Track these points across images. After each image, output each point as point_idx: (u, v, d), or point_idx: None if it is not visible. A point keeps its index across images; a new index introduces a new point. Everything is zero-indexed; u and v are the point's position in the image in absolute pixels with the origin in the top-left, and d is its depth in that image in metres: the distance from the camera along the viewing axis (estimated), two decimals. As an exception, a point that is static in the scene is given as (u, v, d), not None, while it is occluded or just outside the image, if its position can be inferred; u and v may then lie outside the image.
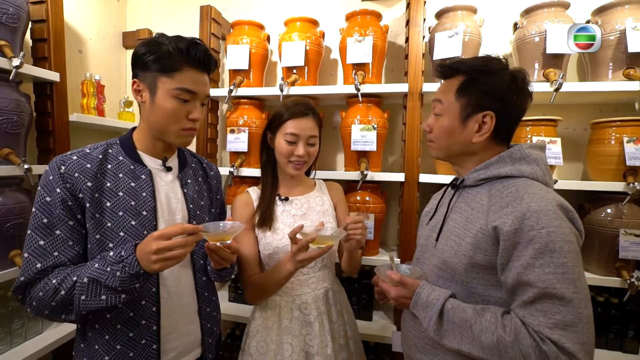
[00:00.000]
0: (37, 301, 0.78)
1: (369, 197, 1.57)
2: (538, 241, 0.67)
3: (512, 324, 0.68)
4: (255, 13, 1.88)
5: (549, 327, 0.64)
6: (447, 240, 0.83)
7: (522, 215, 0.69)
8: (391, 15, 1.75)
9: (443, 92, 0.86)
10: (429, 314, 0.77)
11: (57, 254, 0.80)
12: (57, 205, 0.80)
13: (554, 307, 0.65)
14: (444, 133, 0.85)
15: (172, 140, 0.90)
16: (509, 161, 0.80)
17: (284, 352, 1.05)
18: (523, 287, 0.68)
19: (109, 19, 1.94)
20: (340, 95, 1.62)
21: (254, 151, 1.68)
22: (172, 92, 0.84)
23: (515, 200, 0.72)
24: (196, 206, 0.98)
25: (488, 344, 0.69)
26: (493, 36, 1.61)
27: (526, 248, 0.68)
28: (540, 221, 0.67)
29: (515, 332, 0.67)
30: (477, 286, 0.76)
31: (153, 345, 0.87)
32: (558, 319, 0.64)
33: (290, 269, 0.97)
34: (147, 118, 0.89)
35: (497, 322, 0.69)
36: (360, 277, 1.64)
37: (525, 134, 1.43)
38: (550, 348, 0.63)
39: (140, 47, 0.86)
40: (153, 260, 0.72)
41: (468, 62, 0.84)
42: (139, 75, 0.86)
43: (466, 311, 0.73)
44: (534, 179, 0.77)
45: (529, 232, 0.68)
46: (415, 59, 1.47)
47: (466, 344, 0.72)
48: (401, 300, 0.83)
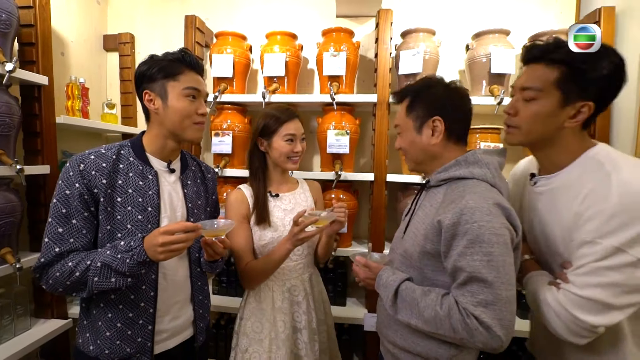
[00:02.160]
0: (53, 280, 0.90)
1: (343, 195, 1.75)
2: (471, 233, 0.76)
3: (448, 302, 0.79)
4: (238, 23, 2.00)
5: (474, 305, 0.75)
6: (409, 232, 0.96)
7: (460, 211, 0.79)
8: (362, 32, 1.95)
9: (398, 116, 0.99)
10: (387, 293, 0.90)
11: (72, 240, 0.91)
12: (75, 198, 0.91)
13: (479, 289, 0.75)
14: (408, 146, 0.96)
15: (188, 135, 1.02)
16: (464, 164, 0.89)
17: (277, 328, 1.21)
18: (458, 272, 0.79)
19: (90, 21, 1.98)
20: (317, 103, 1.79)
21: (237, 153, 1.81)
22: (182, 92, 0.98)
23: (458, 198, 0.82)
24: (194, 205, 1.10)
25: (428, 318, 0.81)
26: (449, 55, 1.84)
27: (462, 239, 0.78)
28: (474, 216, 0.77)
29: (449, 308, 0.78)
30: (428, 271, 0.88)
31: (149, 326, 0.99)
32: (481, 298, 0.75)
33: (289, 247, 1.13)
34: (162, 123, 1.01)
35: (437, 300, 0.81)
36: (335, 267, 1.82)
37: (475, 139, 1.68)
38: (473, 322, 0.75)
39: (141, 66, 1.00)
40: (159, 252, 0.85)
41: (411, 86, 0.98)
42: (147, 87, 0.99)
43: (416, 291, 0.85)
44: (484, 180, 0.86)
45: (464, 225, 0.77)
46: (383, 72, 1.67)
47: (413, 318, 0.84)
48: (367, 280, 0.98)
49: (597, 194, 0.75)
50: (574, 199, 0.79)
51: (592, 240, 0.73)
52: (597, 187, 0.75)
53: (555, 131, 0.84)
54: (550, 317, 0.79)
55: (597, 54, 0.79)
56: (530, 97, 0.84)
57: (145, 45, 2.08)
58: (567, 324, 0.76)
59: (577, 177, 0.81)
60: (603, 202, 0.73)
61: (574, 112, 0.81)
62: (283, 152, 1.22)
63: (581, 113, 0.80)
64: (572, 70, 0.79)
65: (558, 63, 0.80)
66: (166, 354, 1.04)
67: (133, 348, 0.97)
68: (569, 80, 0.79)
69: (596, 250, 0.73)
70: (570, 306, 0.75)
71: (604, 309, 0.73)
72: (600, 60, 0.78)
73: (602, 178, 0.76)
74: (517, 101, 0.88)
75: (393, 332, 0.95)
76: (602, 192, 0.74)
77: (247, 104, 1.83)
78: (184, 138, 1.04)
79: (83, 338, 0.99)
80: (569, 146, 0.84)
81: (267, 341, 1.19)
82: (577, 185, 0.80)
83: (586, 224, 0.75)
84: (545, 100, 0.82)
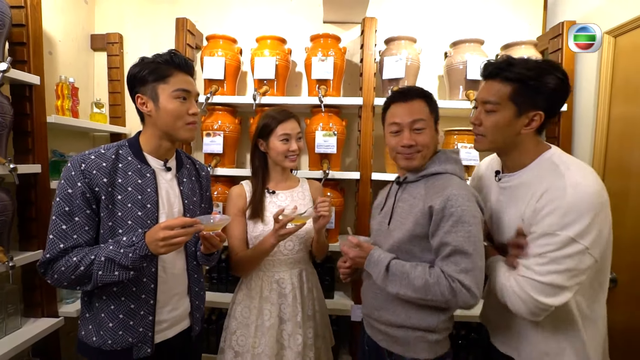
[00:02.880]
0: (58, 274, 0.94)
1: (330, 193, 1.84)
2: (455, 215, 0.93)
3: (435, 272, 0.96)
4: (227, 26, 2.05)
5: (457, 272, 0.92)
6: (396, 222, 1.08)
7: (447, 198, 0.95)
8: (348, 37, 2.04)
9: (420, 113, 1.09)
10: (378, 269, 1.02)
11: (76, 236, 0.96)
12: (78, 197, 0.95)
13: (461, 259, 0.92)
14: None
15: (181, 135, 1.07)
16: (438, 162, 1.06)
17: (263, 316, 1.29)
18: (443, 247, 0.95)
19: (78, 21, 1.98)
20: (305, 105, 1.87)
21: (227, 153, 1.86)
22: (172, 94, 1.02)
23: (443, 189, 0.98)
24: (190, 202, 1.15)
25: (418, 286, 0.96)
26: (429, 62, 1.97)
27: (448, 220, 0.94)
28: (457, 202, 0.94)
29: (437, 276, 0.94)
30: (417, 251, 1.03)
31: (149, 316, 1.04)
32: (463, 266, 0.92)
33: (273, 242, 1.21)
34: (155, 124, 1.05)
35: (425, 271, 0.97)
36: (323, 262, 1.90)
37: (453, 140, 1.80)
38: (457, 285, 0.92)
39: (132, 69, 1.03)
40: (160, 246, 0.90)
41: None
42: (139, 91, 1.03)
43: (405, 266, 1.00)
44: (454, 174, 1.04)
45: (450, 209, 0.94)
46: (368, 77, 1.77)
47: (403, 288, 0.98)
48: (357, 260, 1.07)
49: (554, 192, 0.86)
50: (532, 195, 0.91)
51: (553, 232, 0.85)
52: (553, 187, 0.87)
53: (514, 137, 0.96)
54: (513, 300, 0.90)
55: (544, 70, 0.91)
56: (491, 109, 0.96)
57: (133, 45, 2.09)
58: (529, 307, 0.87)
59: (535, 176, 0.94)
60: (560, 200, 0.85)
61: (527, 120, 0.93)
62: (280, 151, 1.29)
63: (534, 121, 0.93)
64: (523, 86, 0.91)
65: (511, 80, 0.92)
66: (166, 343, 1.09)
67: (135, 338, 1.02)
68: (521, 94, 0.92)
69: (557, 241, 0.84)
70: (533, 292, 0.86)
71: (559, 291, 0.85)
72: (547, 76, 0.90)
73: (557, 178, 0.88)
74: (480, 113, 1.00)
75: (389, 312, 1.07)
76: (558, 191, 0.86)
77: (238, 105, 1.89)
78: (177, 138, 1.08)
79: (86, 330, 1.03)
80: (527, 149, 0.97)
81: (253, 327, 1.28)
82: (536, 183, 0.92)
83: (546, 218, 0.86)
84: (503, 112, 0.94)
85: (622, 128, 1.48)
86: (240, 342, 1.30)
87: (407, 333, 1.04)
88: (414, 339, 1.04)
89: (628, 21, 1.39)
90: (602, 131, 1.55)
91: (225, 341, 1.34)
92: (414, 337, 1.04)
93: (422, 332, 1.03)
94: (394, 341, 1.07)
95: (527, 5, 1.98)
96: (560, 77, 0.91)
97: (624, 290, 1.41)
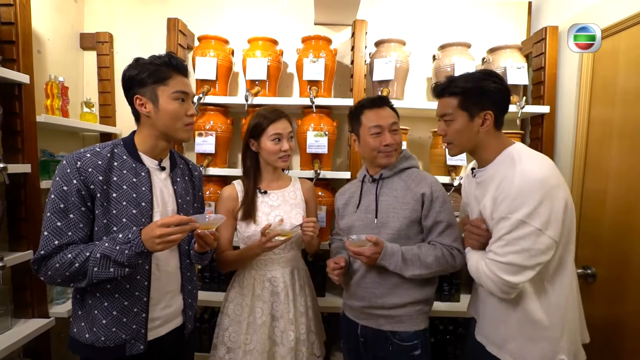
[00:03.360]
0: (52, 271, 0.94)
1: (322, 192, 1.87)
2: (441, 197, 1.20)
3: (437, 247, 1.18)
4: (219, 27, 2.06)
5: (452, 241, 1.19)
6: (387, 214, 1.23)
7: (431, 185, 1.20)
8: (339, 39, 2.07)
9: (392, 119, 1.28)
10: (395, 259, 1.16)
11: (70, 233, 0.96)
12: (73, 194, 0.96)
13: (452, 231, 1.19)
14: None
15: (180, 135, 1.09)
16: (405, 160, 1.29)
17: (255, 314, 1.31)
18: (437, 224, 1.19)
19: (67, 19, 1.96)
20: (297, 106, 1.89)
21: (220, 153, 1.87)
22: (172, 95, 1.05)
23: (423, 179, 1.23)
24: (183, 201, 1.17)
25: (430, 263, 1.16)
26: (418, 64, 2.01)
27: (436, 202, 1.19)
28: (439, 187, 1.22)
29: (440, 249, 1.17)
30: (412, 235, 1.22)
31: (143, 313, 1.05)
32: (454, 236, 1.19)
33: (258, 252, 1.27)
34: (154, 125, 1.07)
35: (429, 248, 1.18)
36: (314, 261, 1.93)
37: (441, 141, 1.85)
38: (455, 252, 1.18)
39: (130, 71, 1.04)
40: (157, 243, 0.92)
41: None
42: (138, 92, 1.04)
43: (413, 249, 1.18)
44: (418, 168, 1.30)
45: (436, 193, 1.20)
46: (359, 78, 1.80)
47: (418, 269, 1.16)
48: (374, 256, 1.15)
49: (506, 181, 0.97)
50: (494, 186, 1.02)
51: (505, 216, 0.95)
52: (507, 176, 0.98)
53: (475, 137, 1.08)
54: (485, 281, 1.01)
55: (480, 79, 1.07)
56: (449, 119, 1.10)
57: (124, 45, 2.08)
58: (498, 285, 0.98)
59: (497, 169, 1.05)
60: (510, 187, 0.95)
61: (480, 120, 1.06)
62: (271, 151, 1.30)
63: (487, 120, 1.06)
64: (466, 95, 1.06)
65: (455, 94, 1.08)
66: (158, 340, 1.11)
67: (128, 334, 1.03)
68: (467, 101, 1.06)
69: (509, 224, 0.94)
70: (498, 271, 0.96)
71: (521, 269, 0.94)
72: (484, 82, 1.06)
73: (510, 168, 0.99)
74: (443, 124, 1.14)
75: (396, 297, 1.21)
76: (509, 179, 0.97)
77: (230, 105, 1.91)
78: (175, 138, 1.11)
79: (78, 327, 1.04)
80: (489, 145, 1.09)
81: (245, 324, 1.31)
82: (497, 175, 1.03)
83: (501, 205, 0.97)
84: (459, 119, 1.08)
85: (601, 130, 1.54)
86: (233, 338, 1.32)
87: (410, 309, 1.21)
88: (415, 313, 1.22)
89: (607, 27, 1.45)
90: (582, 133, 1.62)
91: (218, 337, 1.36)
92: (415, 311, 1.22)
93: (421, 305, 1.23)
94: (397, 320, 1.21)
95: (512, 10, 2.05)
96: (495, 81, 1.06)
97: (603, 285, 1.48)
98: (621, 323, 1.40)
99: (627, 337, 1.37)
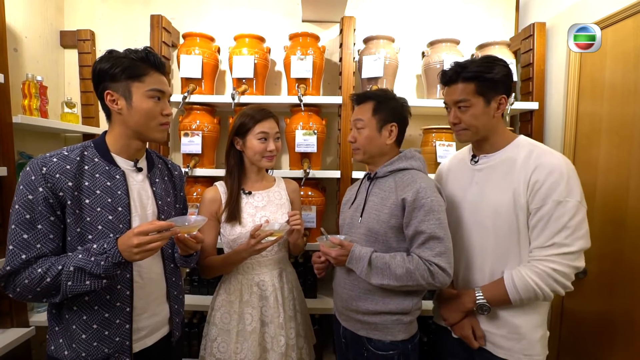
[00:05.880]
0: (21, 287, 0.87)
1: (311, 192, 1.84)
2: (426, 205, 1.05)
3: (414, 259, 1.05)
4: (204, 24, 2.01)
5: (433, 256, 1.03)
6: (369, 214, 1.16)
7: (417, 191, 1.07)
8: (327, 36, 2.05)
9: (362, 113, 1.19)
10: (361, 264, 1.09)
11: (39, 246, 0.89)
12: (40, 203, 0.89)
13: (435, 244, 1.04)
14: (366, 140, 1.18)
15: (153, 135, 1.03)
16: (404, 159, 1.18)
17: (245, 321, 1.26)
18: (418, 235, 1.06)
19: (45, 16, 1.89)
20: (285, 105, 1.86)
21: (206, 153, 1.83)
22: (147, 93, 0.99)
23: (412, 182, 1.10)
24: (164, 202, 1.11)
25: (400, 274, 1.05)
26: (407, 61, 2.00)
27: (420, 210, 1.05)
28: (427, 193, 1.06)
29: (416, 263, 1.04)
30: (393, 242, 1.12)
31: (126, 324, 0.99)
32: (438, 250, 1.03)
33: (245, 256, 1.22)
34: (126, 122, 1.00)
35: (404, 259, 1.06)
36: (305, 262, 1.90)
37: (432, 139, 1.83)
38: (434, 268, 1.03)
39: (101, 63, 0.96)
40: (135, 252, 0.85)
41: (374, 92, 1.22)
42: (109, 87, 0.97)
43: (385, 257, 1.08)
44: (418, 170, 1.16)
45: (421, 200, 1.05)
46: (348, 76, 1.78)
47: (386, 279, 1.07)
48: (340, 258, 1.12)
49: (548, 166, 1.00)
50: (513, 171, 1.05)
51: (564, 200, 0.97)
52: (543, 162, 1.01)
53: (490, 122, 1.09)
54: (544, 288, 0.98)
55: (491, 63, 1.07)
56: (465, 105, 1.09)
57: (106, 42, 2.02)
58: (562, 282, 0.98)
59: (517, 153, 1.07)
60: (556, 172, 0.98)
61: (496, 105, 1.08)
62: (257, 150, 1.27)
63: (502, 104, 1.08)
64: (481, 80, 1.06)
65: (469, 79, 1.07)
66: (145, 351, 1.05)
67: (111, 348, 0.97)
68: (483, 86, 1.06)
69: (569, 208, 0.97)
70: (572, 262, 0.97)
71: (582, 252, 0.99)
72: (494, 68, 1.07)
73: (546, 154, 1.03)
74: (456, 111, 1.11)
75: (368, 302, 1.14)
76: (549, 164, 1.00)
77: (216, 104, 1.86)
78: (148, 138, 1.05)
79: (56, 344, 0.97)
80: (502, 132, 1.12)
81: (235, 332, 1.26)
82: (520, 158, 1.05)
83: (549, 189, 0.98)
84: (476, 105, 1.08)
85: (589, 125, 1.54)
86: (222, 349, 1.26)
87: (385, 318, 1.13)
88: (391, 323, 1.13)
89: (593, 22, 1.45)
90: (570, 128, 1.62)
91: (206, 349, 1.30)
92: (391, 321, 1.13)
93: (398, 315, 1.13)
94: (373, 328, 1.14)
95: (501, 7, 2.04)
96: (504, 65, 1.08)
97: (594, 280, 1.48)
98: (611, 318, 1.40)
99: (618, 332, 1.37)
